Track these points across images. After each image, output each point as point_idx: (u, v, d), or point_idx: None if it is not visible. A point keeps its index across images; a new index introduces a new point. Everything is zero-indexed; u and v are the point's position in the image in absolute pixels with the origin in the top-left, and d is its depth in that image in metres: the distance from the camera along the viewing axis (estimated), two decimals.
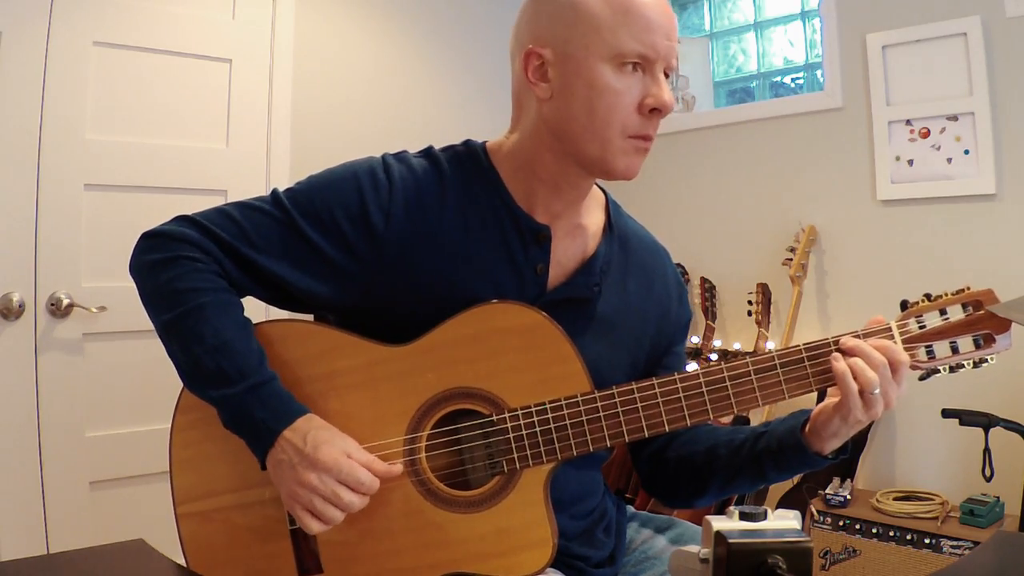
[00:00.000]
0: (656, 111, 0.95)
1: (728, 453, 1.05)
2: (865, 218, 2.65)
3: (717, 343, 2.90)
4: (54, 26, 2.06)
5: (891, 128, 2.57)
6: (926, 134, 2.51)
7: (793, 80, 3.17)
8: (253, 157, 2.43)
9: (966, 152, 2.43)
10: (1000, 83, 2.37)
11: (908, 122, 2.54)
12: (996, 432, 2.02)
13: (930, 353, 0.96)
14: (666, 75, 0.96)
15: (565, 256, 1.05)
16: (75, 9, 2.09)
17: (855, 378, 0.91)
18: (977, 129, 2.40)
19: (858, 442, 2.57)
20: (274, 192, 1.02)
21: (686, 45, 3.27)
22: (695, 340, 2.98)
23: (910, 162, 2.54)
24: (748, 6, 3.26)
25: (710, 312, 2.90)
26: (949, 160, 2.46)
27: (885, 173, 2.59)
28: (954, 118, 2.45)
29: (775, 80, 3.21)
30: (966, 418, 2.04)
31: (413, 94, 2.82)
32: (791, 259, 2.66)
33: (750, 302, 2.76)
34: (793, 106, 2.86)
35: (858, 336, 0.95)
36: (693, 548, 0.72)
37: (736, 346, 2.92)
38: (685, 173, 3.13)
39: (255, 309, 1.04)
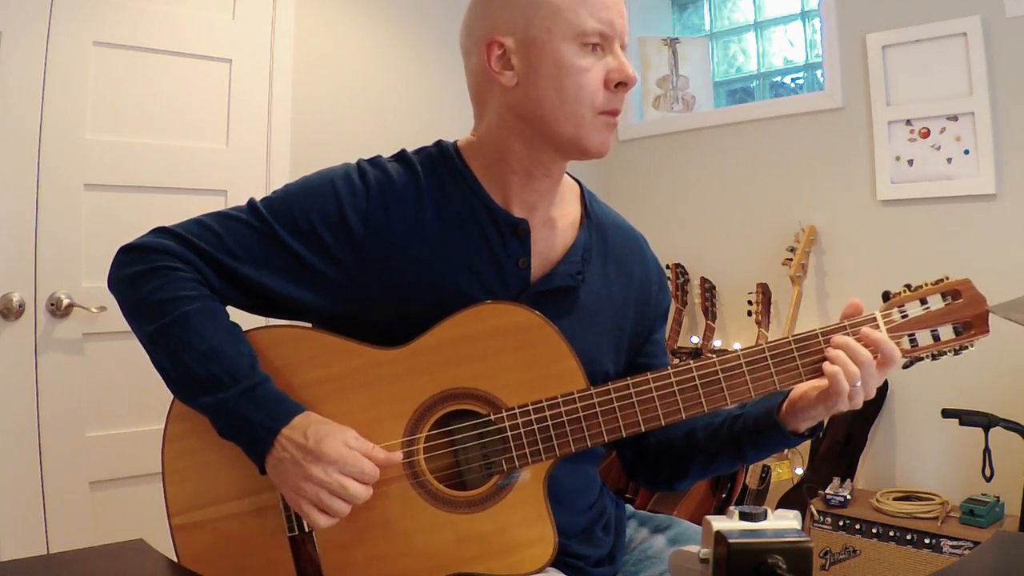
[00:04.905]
0: (622, 85, 0.98)
1: (706, 436, 1.08)
2: (865, 218, 2.65)
3: (717, 343, 2.90)
4: (54, 26, 2.06)
5: (891, 128, 2.57)
6: (926, 134, 2.51)
7: (793, 80, 3.17)
8: (253, 157, 2.43)
9: (966, 152, 2.43)
10: (1000, 83, 2.37)
11: (908, 122, 2.54)
12: (996, 432, 2.02)
13: (913, 341, 0.99)
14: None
15: (546, 247, 1.06)
16: (75, 9, 2.09)
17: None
18: (977, 129, 2.40)
19: (858, 442, 2.57)
20: (251, 202, 1.03)
21: (686, 45, 3.28)
22: (695, 340, 2.98)
23: (910, 162, 2.54)
24: (748, 6, 3.26)
25: (710, 312, 2.90)
26: (949, 160, 2.46)
27: (885, 173, 2.59)
28: (954, 118, 2.45)
29: (775, 80, 3.21)
30: (966, 418, 2.04)
31: (413, 93, 2.82)
32: (791, 259, 2.66)
33: (750, 302, 2.76)
34: (793, 106, 2.86)
35: (844, 327, 0.98)
36: (693, 548, 0.73)
37: (736, 346, 2.91)
38: (685, 173, 3.12)
39: (253, 317, 1.04)
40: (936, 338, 0.98)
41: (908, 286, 1.00)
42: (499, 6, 0.99)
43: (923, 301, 0.99)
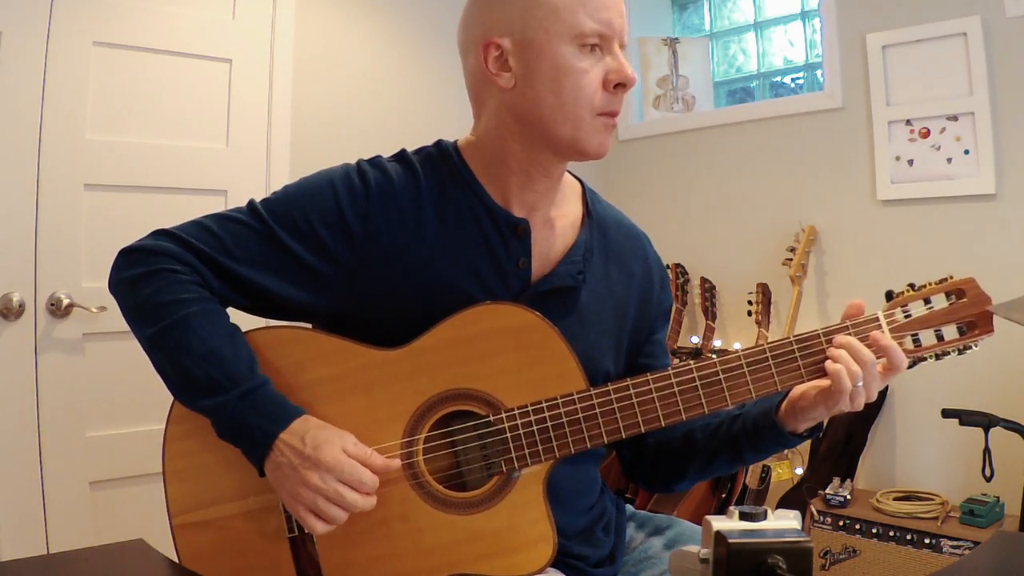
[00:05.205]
0: (620, 86, 0.97)
1: (705, 437, 1.07)
2: (865, 218, 2.65)
3: (717, 343, 2.90)
4: (54, 26, 2.06)
5: (891, 128, 2.57)
6: (926, 134, 2.51)
7: (793, 80, 3.17)
8: (253, 157, 2.43)
9: (966, 152, 2.43)
10: (1000, 83, 2.37)
11: (908, 122, 2.54)
12: (996, 432, 2.02)
13: (916, 341, 0.98)
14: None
15: (546, 247, 1.05)
16: (75, 9, 2.09)
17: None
18: (977, 129, 2.40)
19: (858, 442, 2.57)
20: (251, 203, 1.03)
21: (686, 45, 3.28)
22: (695, 340, 2.98)
23: (910, 162, 2.54)
24: (748, 6, 3.26)
25: (710, 312, 2.90)
26: (949, 160, 2.46)
27: (885, 173, 2.59)
28: (954, 118, 2.45)
29: (775, 80, 3.21)
30: (966, 418, 2.04)
31: (413, 93, 2.82)
32: (791, 259, 2.66)
33: (750, 302, 2.76)
34: (793, 106, 2.86)
35: (847, 327, 0.97)
36: (693, 548, 0.72)
37: (736, 346, 2.90)
38: (685, 173, 3.12)
39: (253, 318, 1.04)
40: (940, 338, 0.97)
41: (912, 285, 0.99)
42: (496, 6, 0.98)
43: (927, 301, 0.98)
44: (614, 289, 1.09)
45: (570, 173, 1.11)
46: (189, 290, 0.96)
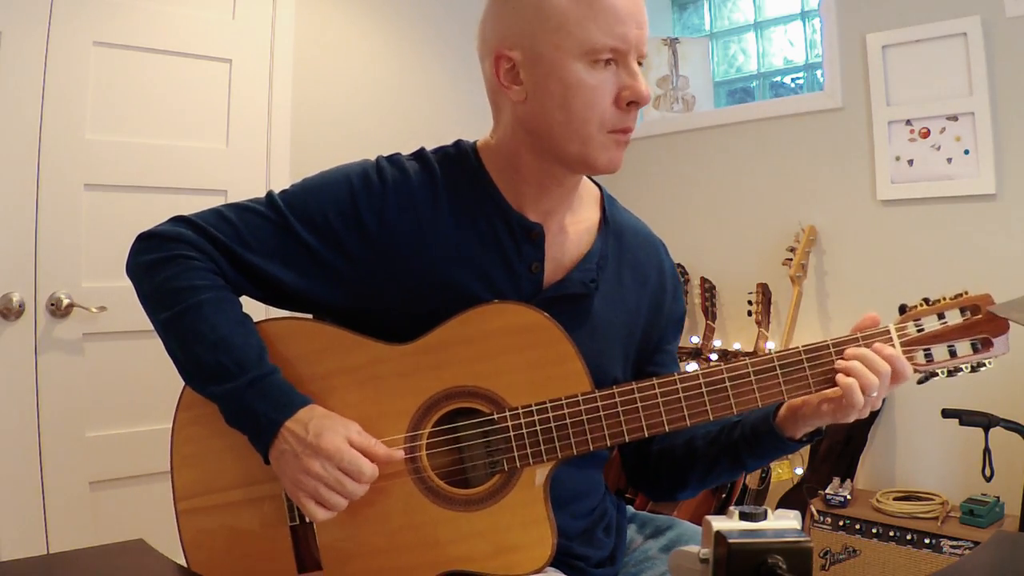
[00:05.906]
0: (633, 103, 0.95)
1: (705, 444, 1.07)
2: (865, 218, 2.65)
3: (717, 343, 2.90)
4: (54, 26, 2.06)
5: (891, 128, 2.57)
6: (926, 134, 2.51)
7: (793, 80, 3.17)
8: (253, 157, 2.43)
9: (966, 152, 2.43)
10: (1000, 83, 2.37)
11: (908, 122, 2.54)
12: (996, 432, 2.01)
13: (928, 357, 0.96)
14: (639, 63, 0.96)
15: (560, 253, 1.05)
16: (75, 9, 2.09)
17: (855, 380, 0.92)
18: (977, 129, 2.40)
19: (858, 442, 2.57)
20: (269, 194, 1.03)
21: (686, 45, 3.27)
22: (695, 340, 2.98)
23: (910, 162, 2.54)
24: (748, 6, 3.26)
25: (710, 312, 2.90)
26: (949, 160, 2.46)
27: (885, 173, 2.59)
28: (954, 118, 2.45)
29: (775, 80, 3.21)
30: (966, 418, 2.04)
31: (413, 94, 2.82)
32: (791, 259, 2.66)
33: (750, 302, 2.76)
34: (793, 106, 2.86)
35: (857, 338, 0.96)
36: (693, 548, 0.72)
37: (736, 346, 2.92)
38: (685, 173, 3.12)
39: (256, 308, 1.04)
40: (953, 354, 0.96)
41: (926, 300, 0.97)
42: (508, 18, 0.96)
43: (940, 315, 0.96)
44: (626, 297, 1.08)
45: (589, 178, 1.11)
46: (203, 277, 0.97)
